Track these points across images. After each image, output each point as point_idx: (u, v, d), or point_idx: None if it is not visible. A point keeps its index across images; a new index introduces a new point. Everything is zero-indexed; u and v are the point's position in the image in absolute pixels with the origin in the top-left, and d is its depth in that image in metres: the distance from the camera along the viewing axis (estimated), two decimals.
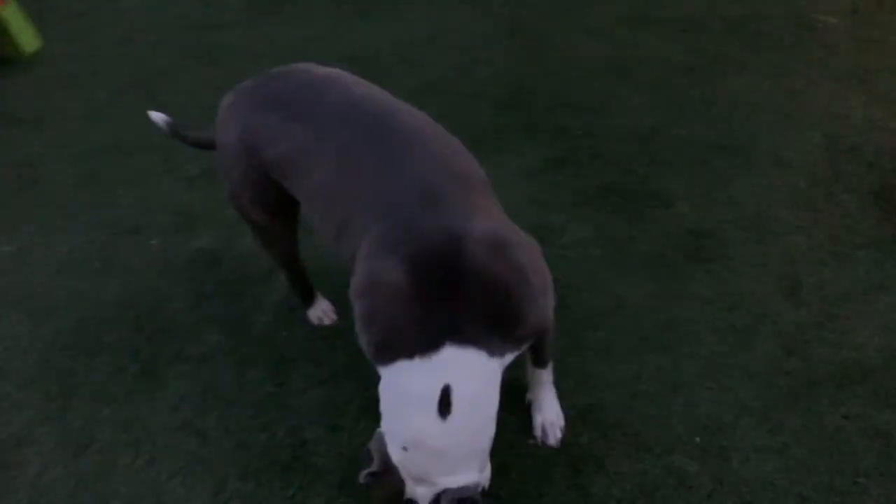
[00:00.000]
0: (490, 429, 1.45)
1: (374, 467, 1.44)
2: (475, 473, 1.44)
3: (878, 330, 1.94)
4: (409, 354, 1.41)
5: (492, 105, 2.88)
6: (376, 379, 1.54)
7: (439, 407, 1.39)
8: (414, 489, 1.44)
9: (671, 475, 1.78)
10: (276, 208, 1.87)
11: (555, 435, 1.86)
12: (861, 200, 2.21)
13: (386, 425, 1.48)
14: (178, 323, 2.26)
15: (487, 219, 1.46)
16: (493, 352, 1.42)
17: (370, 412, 1.93)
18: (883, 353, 1.89)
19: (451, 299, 1.38)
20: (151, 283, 2.41)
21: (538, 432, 1.88)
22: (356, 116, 1.61)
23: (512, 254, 1.43)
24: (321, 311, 2.24)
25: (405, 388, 1.43)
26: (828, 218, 2.20)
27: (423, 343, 1.40)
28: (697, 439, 1.83)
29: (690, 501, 1.73)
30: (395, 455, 1.43)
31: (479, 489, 1.43)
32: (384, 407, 1.50)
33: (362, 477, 1.46)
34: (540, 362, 1.81)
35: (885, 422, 1.79)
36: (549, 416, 1.88)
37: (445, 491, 1.41)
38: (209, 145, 2.09)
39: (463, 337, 1.39)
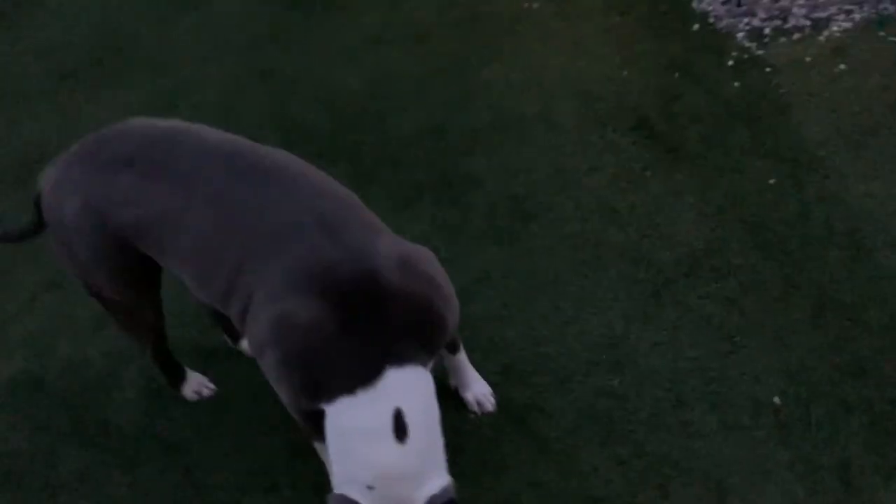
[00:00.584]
0: (440, 430, 1.49)
1: None
2: (443, 473, 1.46)
3: (689, 225, 2.32)
4: (350, 390, 1.40)
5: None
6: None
7: (396, 433, 1.39)
8: None
9: (600, 393, 1.96)
10: (138, 279, 1.72)
11: (489, 402, 1.95)
12: (628, 135, 2.61)
13: (340, 472, 1.45)
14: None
15: (386, 238, 1.51)
16: (425, 362, 1.48)
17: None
18: (700, 241, 2.27)
19: (378, 324, 1.40)
20: None
21: (474, 407, 1.95)
22: (218, 163, 1.54)
23: (419, 267, 1.50)
24: (196, 385, 2.08)
25: (354, 425, 1.42)
26: (610, 156, 2.57)
27: (363, 374, 1.40)
28: (604, 356, 2.04)
29: (626, 407, 1.93)
30: (362, 498, 1.40)
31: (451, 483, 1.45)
32: (333, 453, 1.47)
33: None
34: (454, 349, 1.89)
35: (729, 290, 2.15)
36: (478, 389, 1.98)
37: (432, 497, 1.41)
38: (31, 234, 1.81)
39: (400, 357, 1.41)
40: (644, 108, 2.71)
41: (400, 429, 1.39)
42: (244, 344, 2.13)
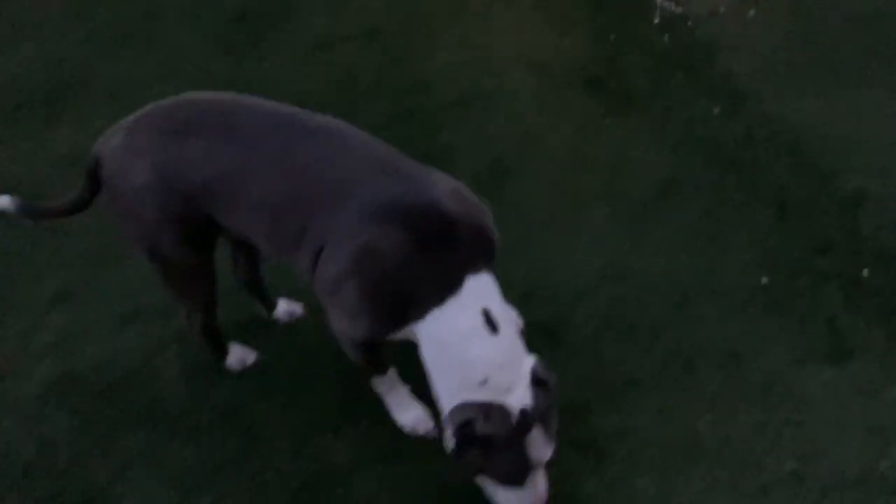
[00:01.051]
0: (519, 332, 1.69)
1: (478, 430, 1.55)
2: (526, 353, 1.67)
3: (652, 159, 2.60)
4: (440, 301, 1.58)
5: None
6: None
7: (490, 329, 1.58)
8: (508, 400, 1.58)
9: (613, 301, 2.20)
10: (201, 241, 1.82)
11: None
12: (581, 93, 2.89)
13: (449, 383, 1.62)
14: None
15: (435, 174, 1.70)
16: (490, 270, 1.66)
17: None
18: (666, 171, 2.56)
19: (450, 241, 1.58)
20: None
21: None
22: (278, 125, 1.68)
23: (465, 194, 1.70)
24: (240, 354, 2.17)
25: (450, 332, 1.59)
26: (569, 113, 2.83)
27: (449, 285, 1.58)
28: (608, 272, 2.28)
29: (638, 308, 2.16)
30: (476, 395, 1.57)
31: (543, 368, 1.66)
32: (438, 367, 1.64)
33: (466, 460, 1.59)
34: None
35: (701, 204, 2.44)
36: None
37: (532, 370, 1.62)
38: (83, 206, 1.88)
39: (474, 266, 1.60)
40: (590, 70, 2.99)
41: (491, 324, 1.58)
42: (279, 311, 2.24)
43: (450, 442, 1.62)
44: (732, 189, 2.46)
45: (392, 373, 1.92)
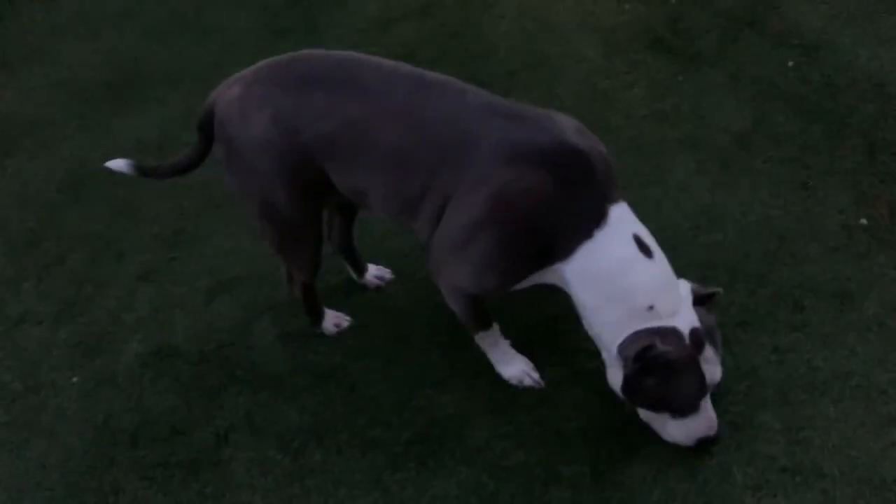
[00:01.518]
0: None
1: (658, 350, 1.53)
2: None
3: (731, 111, 2.57)
4: (589, 234, 1.57)
5: None
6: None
7: (644, 254, 1.58)
8: (676, 323, 1.57)
9: (712, 249, 2.16)
10: (314, 198, 1.80)
11: None
12: (650, 54, 2.86)
13: (614, 315, 1.59)
14: None
15: (554, 114, 1.68)
16: (624, 199, 1.65)
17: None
18: (748, 121, 2.52)
19: (587, 176, 1.57)
20: None
21: None
22: (400, 81, 1.66)
23: (585, 131, 1.69)
24: (335, 319, 2.17)
25: (607, 263, 1.58)
26: (640, 72, 2.81)
27: (595, 218, 1.57)
28: (704, 220, 2.24)
29: (738, 255, 2.12)
30: (645, 323, 1.56)
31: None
32: (596, 302, 1.61)
33: (644, 391, 1.59)
34: None
35: (787, 150, 2.39)
36: None
37: (693, 290, 1.64)
38: (196, 162, 1.88)
39: (612, 196, 1.60)
40: (655, 31, 2.98)
41: (644, 248, 1.59)
42: (370, 276, 2.23)
43: (617, 378, 1.62)
44: (818, 136, 2.42)
45: (496, 327, 1.90)
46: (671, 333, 1.55)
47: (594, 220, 1.57)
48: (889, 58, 2.60)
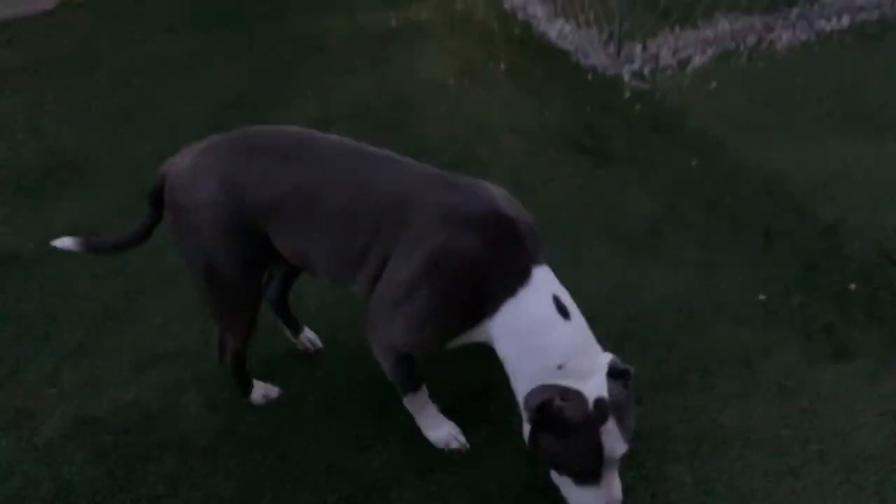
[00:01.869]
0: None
1: (554, 412, 1.56)
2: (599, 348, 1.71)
3: (643, 203, 2.80)
4: (513, 292, 1.66)
5: None
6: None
7: (561, 314, 1.66)
8: (584, 387, 1.60)
9: (626, 320, 2.30)
10: (256, 262, 1.87)
11: None
12: (569, 152, 3.11)
13: (527, 369, 1.66)
14: None
15: (489, 184, 1.81)
16: (547, 263, 1.74)
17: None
18: (656, 211, 2.75)
19: (514, 239, 1.67)
20: None
21: None
22: (344, 150, 1.78)
23: (513, 200, 1.81)
24: (264, 389, 2.20)
25: (527, 320, 1.65)
26: (560, 169, 3.03)
27: (519, 276, 1.66)
28: (617, 294, 2.40)
29: (650, 325, 2.27)
30: (554, 380, 1.61)
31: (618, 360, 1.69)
32: (514, 355, 1.68)
33: (541, 446, 1.61)
34: None
35: (693, 237, 2.61)
36: None
37: (611, 363, 1.65)
38: (145, 235, 1.95)
39: (536, 258, 1.70)
40: (573, 134, 3.25)
41: (562, 310, 1.66)
42: (303, 337, 2.29)
43: (526, 428, 1.65)
44: (719, 224, 2.65)
45: (424, 389, 1.97)
46: (575, 395, 1.58)
47: (518, 278, 1.66)
48: (780, 161, 2.90)
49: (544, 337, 1.65)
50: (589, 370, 1.63)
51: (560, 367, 1.62)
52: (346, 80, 3.80)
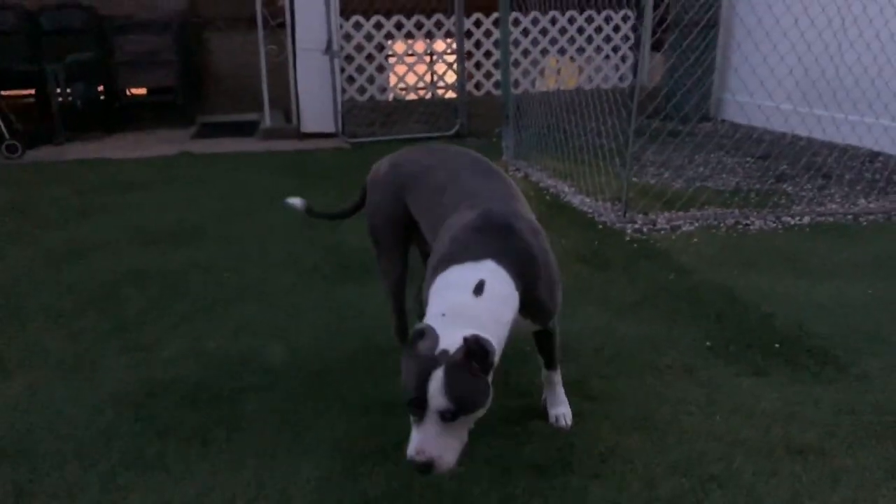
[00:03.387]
0: (502, 328, 2.00)
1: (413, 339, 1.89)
2: (493, 338, 1.92)
3: (627, 320, 3.66)
4: (461, 261, 2.03)
5: None
6: None
7: (475, 290, 1.97)
8: (445, 337, 1.87)
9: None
10: (399, 227, 2.58)
11: (566, 421, 2.52)
12: (579, 261, 4.03)
13: (430, 310, 2.00)
14: None
15: (530, 216, 2.30)
16: (516, 287, 2.05)
17: None
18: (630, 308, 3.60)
19: (498, 238, 2.08)
20: None
21: (554, 421, 2.51)
22: (460, 158, 2.53)
23: (541, 240, 2.21)
24: None
25: (452, 280, 2.01)
26: (570, 270, 3.93)
27: (475, 255, 2.03)
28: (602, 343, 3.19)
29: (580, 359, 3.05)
30: (435, 322, 1.91)
31: (491, 346, 1.89)
32: (431, 297, 2.03)
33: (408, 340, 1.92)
34: (551, 364, 2.48)
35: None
36: (560, 409, 2.53)
37: (474, 336, 1.85)
38: (353, 211, 2.90)
39: (501, 261, 2.03)
40: (582, 254, 4.18)
41: (479, 289, 1.97)
42: None
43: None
44: (681, 315, 3.45)
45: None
46: (433, 336, 1.88)
47: (474, 256, 2.04)
48: (736, 281, 3.77)
49: (448, 296, 1.98)
50: (457, 332, 1.86)
51: (443, 315, 1.93)
52: None
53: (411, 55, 8.40)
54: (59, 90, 7.39)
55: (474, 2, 8.01)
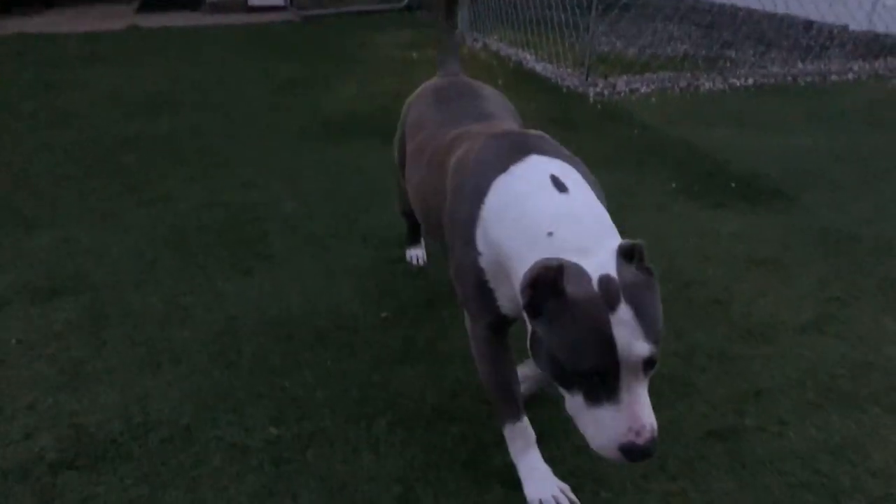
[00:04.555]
0: (603, 209, 1.51)
1: (548, 277, 1.30)
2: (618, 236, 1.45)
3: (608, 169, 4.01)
4: (504, 168, 1.56)
5: None
6: None
7: (556, 187, 1.47)
8: (587, 262, 1.33)
9: None
10: (403, 156, 2.35)
11: None
12: (549, 123, 4.33)
13: (517, 248, 1.46)
14: None
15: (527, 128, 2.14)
16: (567, 162, 1.61)
17: None
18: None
19: (525, 138, 1.68)
20: None
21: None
22: (461, 88, 2.25)
23: (559, 149, 1.76)
24: (418, 253, 2.82)
25: (517, 193, 1.50)
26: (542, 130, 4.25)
27: (514, 157, 1.57)
28: None
29: None
30: (547, 251, 1.38)
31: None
32: (506, 236, 1.49)
33: (536, 336, 1.37)
34: None
35: None
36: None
37: (621, 244, 1.37)
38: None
39: (545, 153, 1.60)
40: (553, 116, 4.49)
41: (558, 185, 1.48)
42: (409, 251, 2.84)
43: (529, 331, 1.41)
44: (648, 164, 3.83)
45: (526, 422, 1.70)
46: (573, 268, 1.31)
47: (513, 159, 1.57)
48: (693, 132, 4.16)
49: (527, 201, 1.47)
50: (590, 245, 1.36)
51: (550, 235, 1.40)
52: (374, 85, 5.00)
53: None
54: None
55: None
